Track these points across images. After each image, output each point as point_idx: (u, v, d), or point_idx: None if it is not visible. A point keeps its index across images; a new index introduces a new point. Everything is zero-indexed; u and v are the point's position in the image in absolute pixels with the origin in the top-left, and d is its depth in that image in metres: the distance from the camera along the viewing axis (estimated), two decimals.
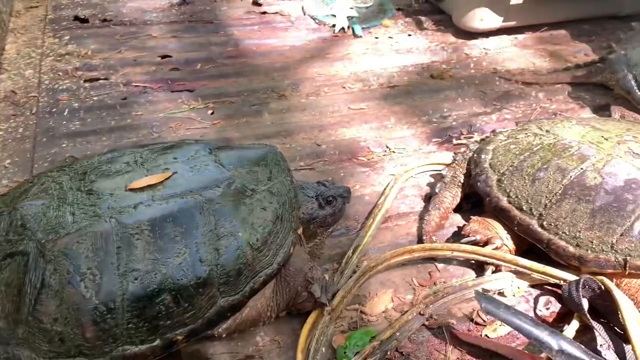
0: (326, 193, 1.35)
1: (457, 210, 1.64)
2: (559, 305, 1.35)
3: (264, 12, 2.71)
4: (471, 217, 1.53)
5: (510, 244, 1.45)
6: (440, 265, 1.46)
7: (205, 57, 2.34)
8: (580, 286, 1.27)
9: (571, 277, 1.32)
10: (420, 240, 1.52)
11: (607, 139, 1.46)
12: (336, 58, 2.40)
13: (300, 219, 1.28)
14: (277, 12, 2.72)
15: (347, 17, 2.63)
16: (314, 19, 2.66)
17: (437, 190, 1.62)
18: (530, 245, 1.42)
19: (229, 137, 1.88)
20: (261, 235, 1.12)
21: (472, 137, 1.92)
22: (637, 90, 1.90)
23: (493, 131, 1.75)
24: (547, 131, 1.56)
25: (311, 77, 2.26)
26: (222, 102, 2.06)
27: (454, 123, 2.03)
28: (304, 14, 2.71)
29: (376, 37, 2.55)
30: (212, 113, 2.00)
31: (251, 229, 1.12)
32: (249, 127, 1.95)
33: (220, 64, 2.30)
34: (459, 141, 1.92)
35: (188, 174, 1.19)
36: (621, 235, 1.27)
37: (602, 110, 2.08)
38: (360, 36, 2.55)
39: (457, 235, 1.53)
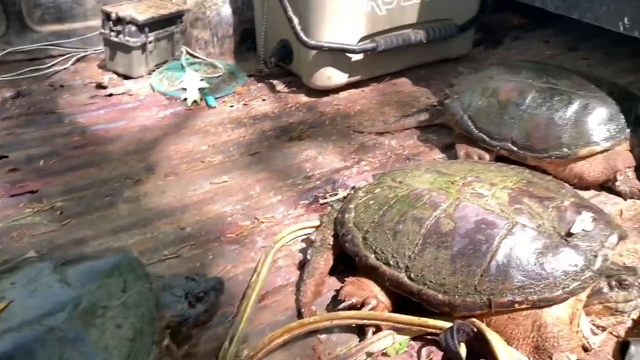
0: (196, 289, 1.28)
1: (332, 272, 1.64)
2: (440, 354, 1.37)
3: (110, 95, 2.60)
4: (345, 279, 1.53)
5: (386, 300, 1.46)
6: (323, 336, 1.42)
7: (48, 151, 2.17)
8: (455, 332, 1.30)
9: (446, 324, 1.35)
10: (299, 313, 1.49)
11: (453, 183, 1.54)
12: (192, 132, 2.35)
13: (169, 324, 1.19)
14: (124, 93, 2.63)
15: (198, 89, 2.60)
16: (164, 95, 2.60)
17: (308, 257, 1.60)
18: (405, 298, 1.44)
19: (82, 237, 1.73)
20: (117, 358, 1.01)
21: (336, 194, 1.95)
22: (474, 129, 2.06)
23: (353, 187, 1.79)
24: (400, 182, 1.63)
25: (168, 156, 2.18)
26: (70, 199, 1.91)
27: (317, 182, 2.05)
28: (153, 91, 2.64)
29: (231, 106, 2.55)
30: (60, 213, 1.84)
31: (105, 353, 1.00)
32: (104, 221, 1.82)
33: (65, 156, 2.15)
34: (324, 200, 1.94)
35: (27, 300, 1.06)
36: (481, 276, 1.33)
37: (449, 149, 2.23)
38: (215, 106, 2.53)
39: (336, 300, 1.51)
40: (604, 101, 1.91)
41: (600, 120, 1.89)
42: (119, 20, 2.63)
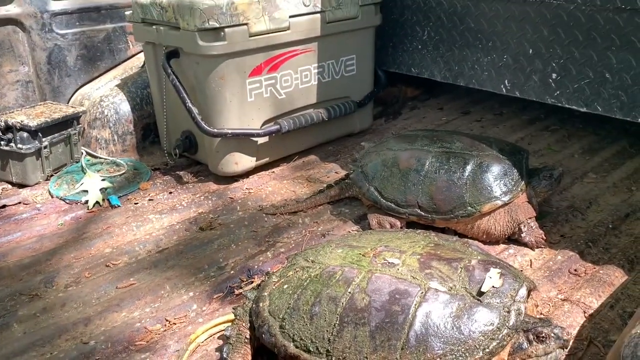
0: None
1: None
2: None
3: (3, 206, 2.43)
4: None
5: None
6: None
7: None
8: None
9: None
10: None
11: (364, 255, 1.52)
12: (95, 235, 2.21)
13: None
14: (19, 203, 2.46)
15: (100, 189, 2.49)
16: (63, 200, 2.46)
17: (224, 355, 1.49)
18: None
19: None
20: None
21: (252, 282, 1.88)
22: (382, 199, 2.09)
23: (267, 273, 1.72)
24: (312, 262, 1.59)
25: (68, 265, 2.03)
26: None
27: (232, 272, 1.97)
28: (52, 197, 2.50)
29: (135, 203, 2.45)
30: None
31: None
32: None
33: None
34: (240, 290, 1.86)
35: None
36: (402, 349, 1.28)
37: (362, 220, 2.24)
38: (119, 205, 2.42)
39: None
40: (496, 158, 2.01)
41: (497, 176, 1.97)
42: (9, 128, 2.51)
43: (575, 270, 1.87)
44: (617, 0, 2.22)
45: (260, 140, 2.59)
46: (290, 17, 2.52)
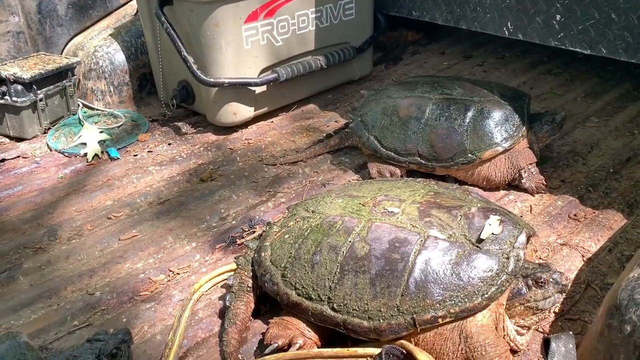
0: (106, 348, 1.25)
1: (256, 315, 1.57)
2: None
3: (2, 160, 2.42)
4: (269, 320, 1.47)
5: (314, 336, 1.41)
6: None
7: None
8: (384, 358, 1.26)
9: (376, 350, 1.31)
10: None
11: (364, 205, 1.53)
12: (95, 188, 2.21)
13: None
14: (18, 157, 2.45)
15: (99, 141, 2.47)
16: (62, 153, 2.45)
17: (227, 304, 1.52)
18: (332, 330, 1.39)
19: None
20: None
21: (254, 232, 1.89)
22: (381, 148, 2.08)
23: (268, 223, 1.73)
24: (313, 212, 1.59)
25: (70, 218, 2.04)
26: None
27: (234, 222, 1.98)
28: (50, 150, 2.48)
29: (135, 155, 2.44)
30: None
31: None
32: (2, 300, 1.65)
33: None
34: (242, 240, 1.87)
35: None
36: (402, 295, 1.30)
37: (362, 169, 2.23)
38: (118, 158, 2.41)
39: (262, 344, 1.44)
40: (497, 104, 1.98)
41: (498, 122, 1.95)
42: (2, 81, 2.46)
43: (574, 215, 1.88)
44: None
45: (258, 89, 2.55)
46: None
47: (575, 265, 1.66)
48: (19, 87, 2.47)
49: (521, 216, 1.86)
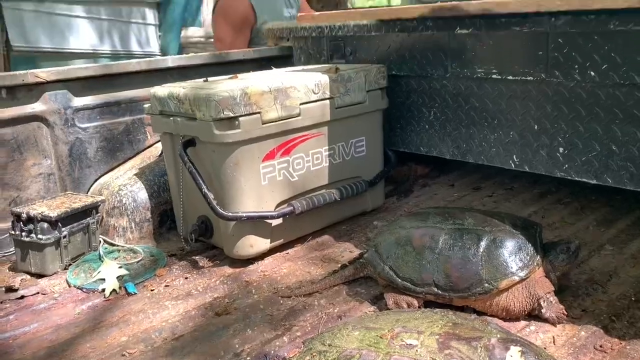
0: None
1: None
2: None
3: (22, 297, 2.45)
4: None
5: None
6: None
7: None
8: None
9: None
10: None
11: (381, 337, 1.50)
12: (111, 324, 2.20)
13: None
14: (37, 293, 2.48)
15: (117, 277, 2.51)
16: (81, 289, 2.48)
17: None
18: None
19: None
20: None
21: None
22: (397, 279, 2.08)
23: (284, 359, 1.69)
24: (329, 345, 1.56)
25: (83, 355, 2.01)
26: None
27: (248, 358, 1.93)
28: (69, 287, 2.52)
29: (152, 290, 2.45)
30: None
31: None
32: None
33: None
34: None
35: None
36: None
37: (378, 300, 2.21)
38: (135, 293, 2.42)
39: None
40: (509, 233, 2.01)
41: (512, 252, 1.96)
42: (30, 220, 2.58)
43: (600, 346, 1.81)
44: (615, 76, 2.30)
45: (275, 222, 2.63)
46: (301, 104, 2.64)
47: None
48: (45, 225, 2.58)
49: (544, 348, 1.81)
